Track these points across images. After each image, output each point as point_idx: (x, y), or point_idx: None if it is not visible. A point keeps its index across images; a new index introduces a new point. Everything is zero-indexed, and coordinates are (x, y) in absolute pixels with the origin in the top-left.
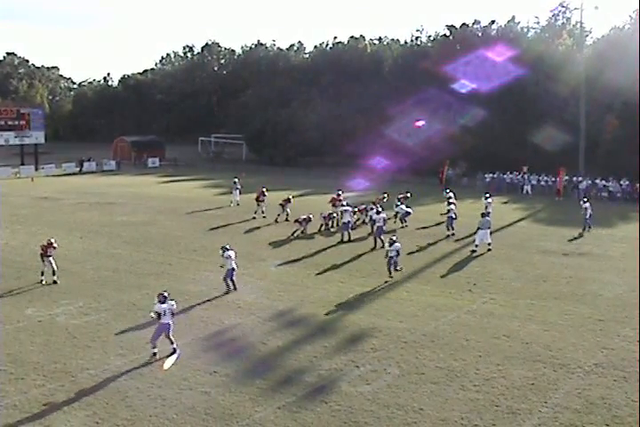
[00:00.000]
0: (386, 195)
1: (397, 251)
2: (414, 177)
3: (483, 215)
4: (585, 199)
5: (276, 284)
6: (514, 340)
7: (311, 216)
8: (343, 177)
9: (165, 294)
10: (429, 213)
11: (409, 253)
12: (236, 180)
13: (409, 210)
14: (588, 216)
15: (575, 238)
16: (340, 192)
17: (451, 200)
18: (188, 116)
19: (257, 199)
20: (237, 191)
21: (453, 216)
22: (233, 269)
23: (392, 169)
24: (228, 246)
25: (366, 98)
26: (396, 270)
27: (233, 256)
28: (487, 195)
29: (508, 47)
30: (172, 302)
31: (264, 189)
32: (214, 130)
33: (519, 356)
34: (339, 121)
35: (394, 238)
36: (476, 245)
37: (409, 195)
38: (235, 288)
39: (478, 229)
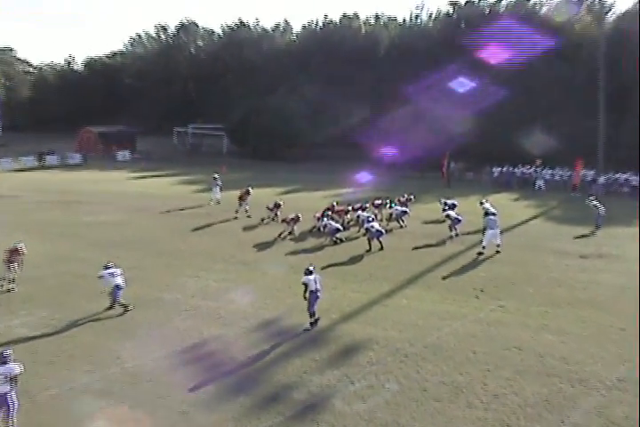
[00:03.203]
0: (379, 201)
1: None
2: (414, 171)
3: (487, 214)
4: (593, 197)
5: (261, 290)
6: (526, 351)
7: (299, 215)
8: (337, 171)
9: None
10: (431, 212)
11: (408, 256)
12: (216, 175)
13: (405, 209)
14: (600, 214)
15: (584, 236)
16: (335, 203)
17: (446, 207)
18: (161, 105)
19: (240, 198)
20: (218, 188)
21: (459, 218)
22: (117, 285)
23: (390, 163)
24: (109, 264)
25: (361, 83)
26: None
27: (117, 273)
28: (483, 201)
29: (518, 26)
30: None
31: (249, 188)
32: (192, 119)
33: (532, 369)
34: (331, 109)
35: (310, 269)
36: (484, 247)
37: (412, 197)
38: (112, 306)
39: (485, 229)
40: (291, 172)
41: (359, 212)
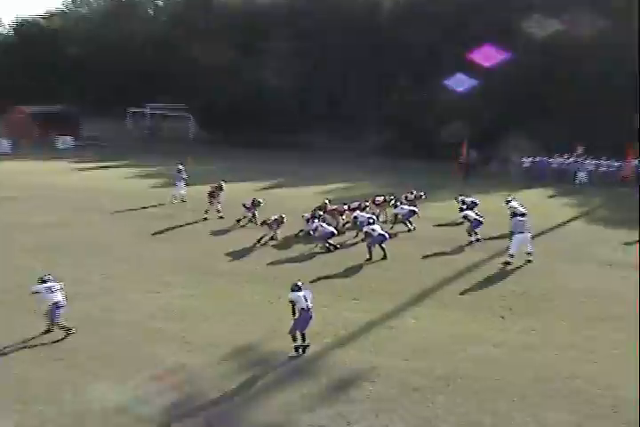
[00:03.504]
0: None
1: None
2: (424, 161)
3: (514, 215)
4: None
5: (235, 308)
6: (559, 378)
7: (283, 216)
8: (331, 161)
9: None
10: (444, 212)
11: (417, 267)
12: (181, 167)
13: (414, 208)
14: None
15: (636, 242)
16: (327, 201)
17: (464, 206)
18: (112, 79)
19: (211, 195)
20: (182, 183)
21: (480, 219)
22: (57, 303)
23: (394, 152)
24: (46, 277)
25: (359, 53)
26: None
27: (57, 287)
28: (510, 198)
29: None
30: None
31: (222, 183)
32: (150, 98)
33: (560, 395)
34: (322, 84)
35: (299, 284)
36: (511, 255)
37: (423, 194)
38: (49, 330)
39: (513, 233)
40: (274, 162)
41: (357, 212)
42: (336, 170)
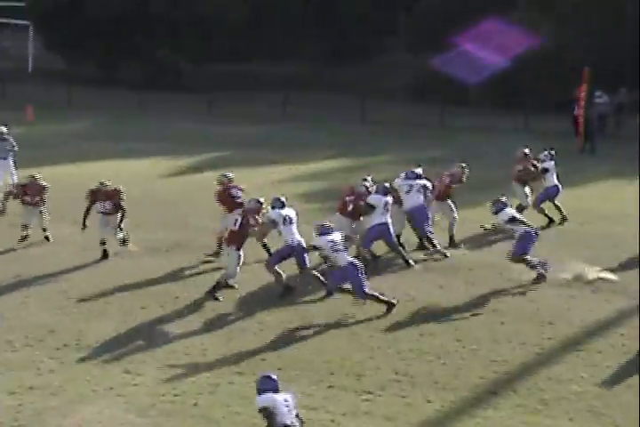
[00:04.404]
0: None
1: None
2: (500, 118)
3: None
4: None
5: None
6: None
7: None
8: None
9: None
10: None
11: (483, 325)
12: (4, 129)
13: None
14: None
15: None
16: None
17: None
18: None
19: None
20: (10, 160)
21: (533, 234)
22: None
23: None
24: None
25: None
26: None
27: None
28: None
29: None
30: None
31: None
32: None
33: None
34: None
35: (273, 377)
36: None
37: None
38: None
39: None
40: (200, 119)
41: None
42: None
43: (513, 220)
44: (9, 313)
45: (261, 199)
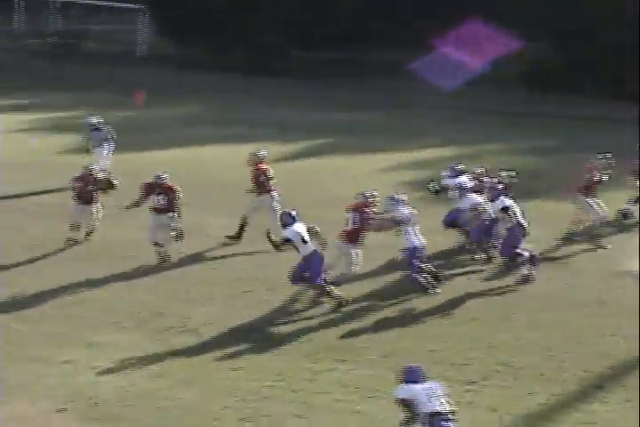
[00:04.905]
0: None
1: None
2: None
3: None
4: None
5: None
6: None
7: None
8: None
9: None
10: None
11: None
12: (94, 121)
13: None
14: None
15: None
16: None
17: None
18: None
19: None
20: (105, 146)
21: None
22: None
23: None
24: None
25: None
26: None
27: None
28: None
29: None
30: None
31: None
32: None
33: None
34: None
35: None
36: None
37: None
38: None
39: None
40: (306, 106)
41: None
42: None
43: None
44: (120, 296)
45: (367, 193)
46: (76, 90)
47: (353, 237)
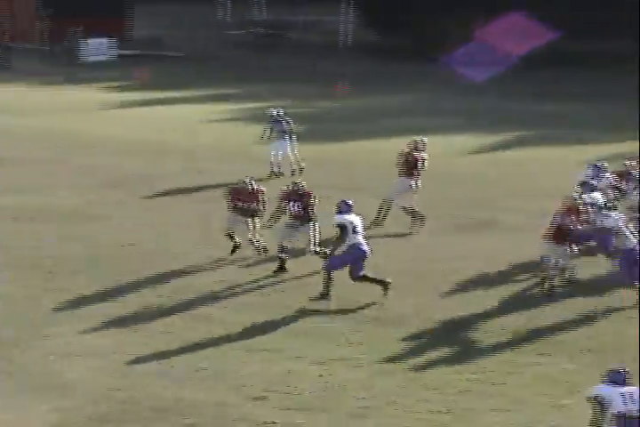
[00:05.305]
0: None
1: None
2: None
3: None
4: None
5: None
6: None
7: None
8: None
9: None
10: None
11: None
12: (274, 111)
13: None
14: None
15: None
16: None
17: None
18: None
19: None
20: (285, 140)
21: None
22: None
23: None
24: None
25: None
26: None
27: None
28: None
29: None
30: None
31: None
32: None
33: None
34: None
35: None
36: None
37: None
38: None
39: None
40: (508, 96)
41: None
42: None
43: None
44: (337, 290)
45: (576, 196)
46: (278, 81)
47: (557, 236)
